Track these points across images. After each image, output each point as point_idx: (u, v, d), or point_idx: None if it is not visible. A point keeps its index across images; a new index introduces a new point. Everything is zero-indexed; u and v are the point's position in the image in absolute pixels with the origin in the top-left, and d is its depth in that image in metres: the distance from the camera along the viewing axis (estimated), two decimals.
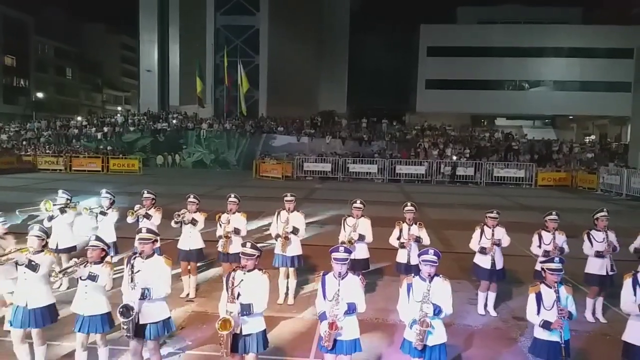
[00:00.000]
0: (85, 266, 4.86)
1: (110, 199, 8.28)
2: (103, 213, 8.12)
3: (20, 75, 58.91)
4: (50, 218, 7.86)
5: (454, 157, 30.01)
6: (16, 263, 5.01)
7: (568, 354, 4.55)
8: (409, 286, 4.58)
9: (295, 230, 7.48)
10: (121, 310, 4.54)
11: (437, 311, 4.43)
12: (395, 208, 10.55)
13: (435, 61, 42.32)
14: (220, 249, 7.68)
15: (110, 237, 7.98)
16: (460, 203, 12.71)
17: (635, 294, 4.64)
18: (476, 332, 6.74)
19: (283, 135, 34.09)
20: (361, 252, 7.48)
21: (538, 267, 6.74)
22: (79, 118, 44.07)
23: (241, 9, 43.15)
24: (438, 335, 4.51)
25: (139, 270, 4.76)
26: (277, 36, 42.90)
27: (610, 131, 45.67)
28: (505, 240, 7.26)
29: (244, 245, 4.72)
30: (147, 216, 7.99)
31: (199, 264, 8.41)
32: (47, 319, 5.14)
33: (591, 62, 40.68)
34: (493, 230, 7.20)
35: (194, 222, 7.68)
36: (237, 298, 4.47)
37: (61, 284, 7.60)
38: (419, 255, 4.72)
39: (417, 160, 29.39)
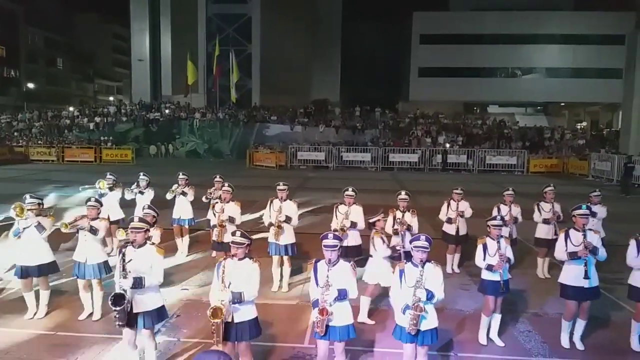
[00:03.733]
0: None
1: (147, 180, 9.63)
2: (141, 192, 9.50)
3: (10, 65, 58.02)
4: (100, 195, 9.04)
5: (447, 145, 30.08)
6: (78, 229, 6.20)
7: (507, 290, 5.92)
8: (401, 272, 4.65)
9: (287, 219, 7.51)
10: (112, 299, 4.55)
11: (430, 296, 4.51)
12: (389, 196, 10.62)
13: (428, 49, 42.13)
14: (214, 237, 7.72)
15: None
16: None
17: (566, 245, 5.90)
18: (468, 316, 6.84)
19: (276, 124, 33.97)
20: (353, 239, 7.53)
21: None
22: (71, 108, 43.63)
23: None
24: (430, 320, 4.61)
25: (130, 260, 4.77)
26: (270, 24, 42.54)
27: (601, 118, 45.89)
28: (468, 213, 8.75)
29: (233, 234, 4.73)
30: (184, 193, 9.45)
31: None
32: (103, 271, 6.36)
33: (583, 48, 40.66)
34: (458, 204, 8.72)
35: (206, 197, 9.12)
36: (228, 286, 4.49)
37: (112, 249, 8.92)
38: (410, 242, 4.79)
39: (410, 148, 29.44)
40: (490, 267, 5.82)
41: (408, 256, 6.54)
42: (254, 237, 4.91)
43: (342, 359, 4.76)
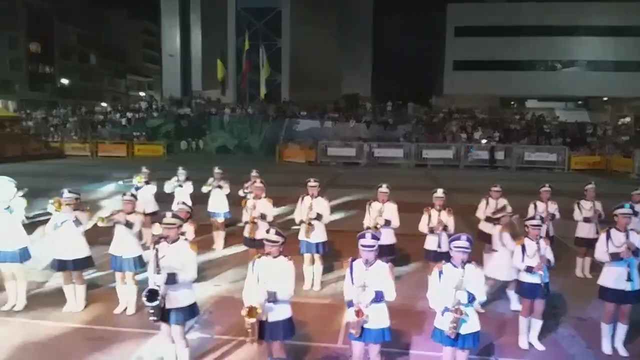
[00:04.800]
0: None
1: (186, 174, 9.95)
2: (180, 185, 9.86)
3: (45, 62, 59.83)
4: (137, 189, 9.51)
5: (483, 141, 29.36)
6: (114, 223, 6.32)
7: (548, 292, 5.67)
8: (440, 273, 4.50)
9: (318, 217, 7.37)
10: (147, 295, 4.54)
11: (471, 298, 4.35)
12: (422, 193, 10.34)
13: (463, 41, 41.26)
14: (246, 234, 7.65)
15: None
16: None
17: (607, 246, 5.62)
18: (508, 320, 6.57)
19: (306, 119, 33.84)
20: (387, 237, 7.33)
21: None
22: (104, 104, 44.71)
23: None
24: (471, 324, 4.43)
25: (164, 256, 4.74)
26: (300, 18, 42.45)
27: None
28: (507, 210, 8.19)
29: (268, 231, 4.64)
30: (220, 187, 9.76)
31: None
32: (137, 265, 6.47)
33: (627, 40, 39.09)
34: (497, 202, 8.33)
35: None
36: (263, 285, 4.41)
37: (147, 241, 9.07)
38: (450, 242, 4.61)
39: (445, 144, 28.85)
40: (529, 269, 5.59)
41: (444, 257, 6.36)
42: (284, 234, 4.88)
43: None
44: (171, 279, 4.66)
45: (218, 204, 9.82)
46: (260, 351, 4.68)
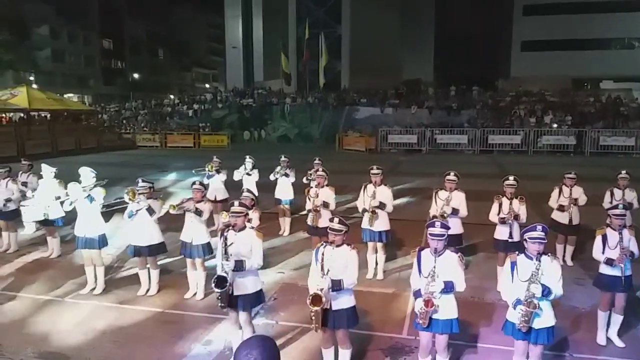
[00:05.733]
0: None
1: (253, 162, 10.36)
2: (248, 174, 10.28)
3: (117, 57, 63.20)
4: (209, 177, 10.10)
5: (554, 125, 27.81)
6: (185, 210, 6.53)
7: (629, 286, 5.34)
8: (513, 265, 4.33)
9: (382, 205, 7.28)
10: (215, 281, 4.67)
11: (546, 292, 4.15)
12: (489, 181, 9.99)
13: (533, 20, 39.15)
14: (309, 222, 7.71)
15: (254, 192, 9.89)
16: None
17: None
18: (584, 314, 6.22)
19: (366, 107, 33.48)
20: (454, 227, 7.07)
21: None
22: (172, 97, 46.61)
23: None
24: (546, 318, 4.25)
25: (232, 243, 4.85)
26: (360, 4, 41.97)
27: None
28: (582, 200, 7.95)
29: (331, 220, 4.61)
30: (286, 175, 10.06)
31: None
32: (206, 252, 6.71)
33: None
34: (571, 190, 7.94)
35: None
36: (327, 274, 4.41)
37: (218, 226, 9.43)
38: (524, 233, 4.41)
39: (512, 129, 27.62)
40: (610, 261, 5.23)
41: (515, 247, 6.09)
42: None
43: (444, 353, 4.56)
44: (239, 266, 4.78)
45: (284, 191, 10.13)
46: (325, 339, 4.71)
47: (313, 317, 4.36)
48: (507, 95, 33.93)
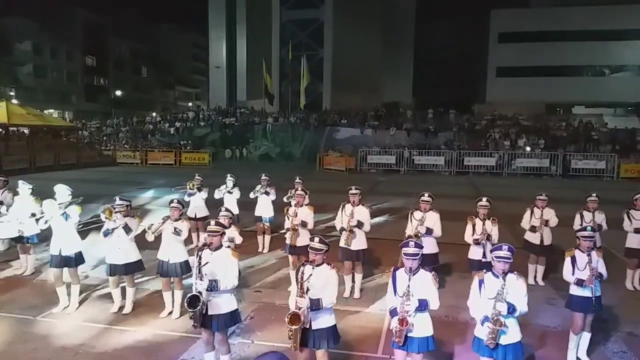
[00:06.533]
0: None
1: (234, 180, 10.48)
2: (229, 192, 10.38)
3: (99, 74, 62.82)
4: (189, 195, 10.17)
5: (528, 148, 28.55)
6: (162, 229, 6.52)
7: (599, 306, 5.42)
8: (481, 282, 4.46)
9: (359, 224, 7.40)
10: (188, 300, 4.62)
11: (512, 310, 4.27)
12: (464, 202, 10.20)
13: (508, 47, 40.40)
14: (287, 241, 7.76)
15: (235, 210, 10.01)
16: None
17: None
18: (554, 333, 6.37)
19: (347, 127, 33.91)
20: (430, 246, 7.26)
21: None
22: (154, 114, 46.42)
23: (306, 3, 43.41)
24: (512, 334, 4.35)
25: (207, 262, 4.82)
26: (342, 28, 42.78)
27: None
28: (553, 221, 8.14)
29: (312, 239, 4.66)
30: (267, 193, 10.20)
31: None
32: (185, 270, 6.66)
33: None
34: (542, 211, 8.14)
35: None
36: (306, 292, 4.43)
37: (197, 244, 9.52)
38: (491, 251, 4.56)
39: (487, 151, 28.25)
40: (580, 282, 5.38)
41: (489, 266, 6.25)
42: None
43: None
44: (213, 286, 4.72)
45: (264, 208, 10.25)
46: (302, 358, 4.72)
47: (291, 336, 4.37)
48: (483, 119, 34.73)
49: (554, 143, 29.22)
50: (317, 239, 4.63)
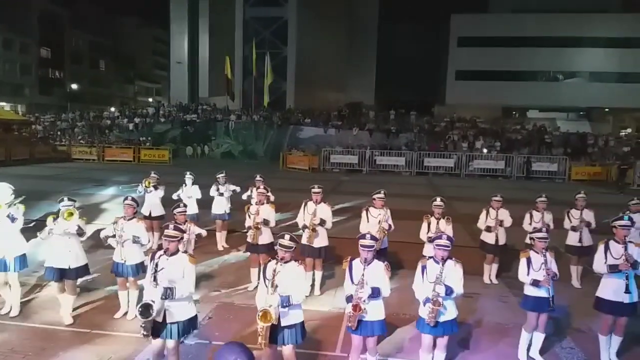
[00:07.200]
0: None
1: (193, 178, 10.38)
2: (220, 193, 10.24)
3: (55, 67, 60.41)
4: (145, 192, 9.96)
5: (484, 150, 29.42)
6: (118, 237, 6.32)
7: (554, 306, 5.57)
8: (423, 268, 4.95)
9: (322, 222, 7.47)
10: (140, 309, 4.38)
11: (449, 292, 4.76)
12: (423, 201, 10.40)
13: (466, 52, 41.46)
14: (249, 239, 7.70)
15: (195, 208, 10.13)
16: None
17: (606, 258, 5.61)
18: (507, 330, 6.55)
19: (310, 127, 33.93)
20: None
21: (528, 240, 7.28)
22: (112, 109, 45.06)
23: (270, 0, 43.13)
24: (449, 312, 4.89)
25: (162, 268, 4.60)
26: (306, 27, 42.77)
27: None
28: (507, 222, 8.37)
29: (282, 237, 4.69)
30: (220, 194, 10.21)
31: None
32: (140, 270, 6.41)
33: (630, 52, 39.11)
34: (497, 212, 8.35)
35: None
36: (276, 290, 4.51)
37: (153, 244, 9.24)
38: (432, 240, 5.13)
39: (446, 152, 28.93)
40: (536, 283, 5.50)
41: None
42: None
43: (373, 352, 4.99)
44: (168, 294, 4.51)
45: (221, 205, 10.27)
46: (268, 356, 4.70)
47: (260, 334, 4.38)
48: (442, 121, 35.55)
49: (510, 145, 30.25)
50: (287, 237, 4.69)
